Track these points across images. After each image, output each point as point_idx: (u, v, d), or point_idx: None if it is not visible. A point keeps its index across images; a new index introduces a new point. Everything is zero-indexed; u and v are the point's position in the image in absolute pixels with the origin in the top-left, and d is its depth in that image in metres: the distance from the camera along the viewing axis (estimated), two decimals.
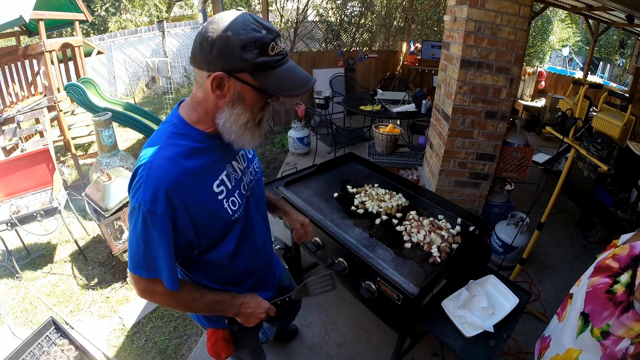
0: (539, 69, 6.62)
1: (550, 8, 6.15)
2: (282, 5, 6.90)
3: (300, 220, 1.34)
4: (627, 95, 4.10)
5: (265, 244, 1.14)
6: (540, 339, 1.33)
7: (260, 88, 0.80)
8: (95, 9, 9.06)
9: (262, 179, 1.16)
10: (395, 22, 7.47)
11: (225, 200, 0.91)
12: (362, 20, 7.41)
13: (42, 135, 3.83)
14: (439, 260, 1.44)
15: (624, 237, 1.08)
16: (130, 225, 0.83)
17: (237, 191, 0.96)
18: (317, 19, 7.38)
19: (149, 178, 0.78)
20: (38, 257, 2.86)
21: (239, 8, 0.86)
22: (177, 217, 0.81)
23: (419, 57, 5.87)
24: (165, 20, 8.68)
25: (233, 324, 1.07)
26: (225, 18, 0.76)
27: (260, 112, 0.86)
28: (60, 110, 3.88)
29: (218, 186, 0.89)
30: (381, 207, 1.77)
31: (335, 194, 1.90)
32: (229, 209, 0.92)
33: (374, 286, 1.44)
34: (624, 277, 0.93)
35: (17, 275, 2.59)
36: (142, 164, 0.81)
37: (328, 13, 7.47)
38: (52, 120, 3.91)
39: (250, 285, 1.10)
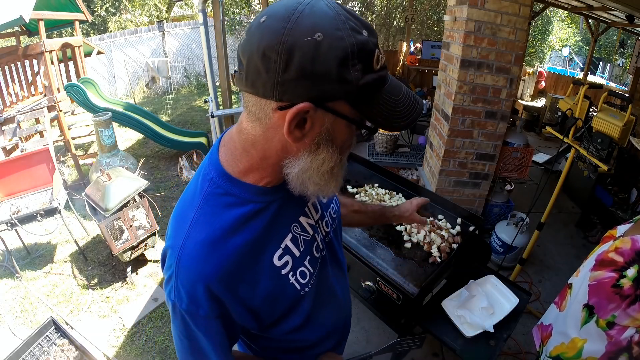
0: (539, 69, 6.64)
1: (550, 8, 6.15)
2: None
3: (412, 209, 1.16)
4: (627, 95, 4.10)
5: (346, 301, 0.91)
6: (538, 326, 1.33)
7: (358, 120, 0.54)
8: (95, 9, 9.06)
9: (341, 222, 0.89)
10: (395, 22, 7.47)
11: (291, 273, 0.67)
12: None
13: (42, 135, 3.83)
14: (439, 260, 1.44)
15: (621, 228, 1.09)
16: (171, 318, 0.63)
17: (309, 257, 0.70)
18: None
19: (182, 272, 0.57)
20: (38, 257, 2.86)
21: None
22: (228, 310, 0.60)
23: (419, 57, 5.87)
24: (165, 20, 8.69)
25: None
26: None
27: (348, 149, 0.60)
28: (60, 110, 3.88)
29: (280, 258, 0.65)
30: None
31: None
32: (296, 284, 0.68)
33: (374, 286, 1.44)
34: (631, 272, 0.94)
35: (17, 275, 2.59)
36: (171, 248, 0.59)
37: None
38: (52, 120, 3.91)
39: (323, 350, 0.87)
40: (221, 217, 0.58)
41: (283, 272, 0.65)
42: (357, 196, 1.86)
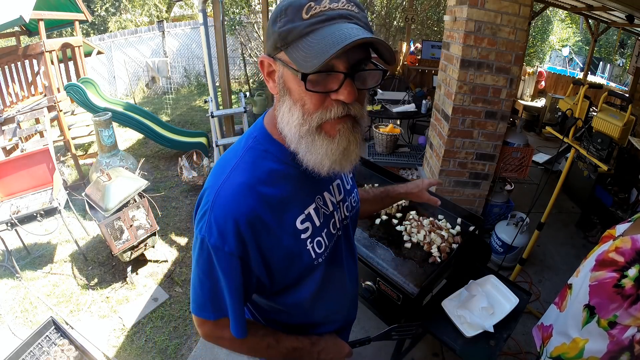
0: (539, 69, 6.64)
1: (550, 8, 6.15)
2: None
3: (423, 186, 1.17)
4: (627, 95, 4.10)
5: (353, 289, 0.95)
6: (538, 327, 1.33)
7: (291, 66, 0.59)
8: (95, 9, 9.07)
9: (357, 214, 0.95)
10: (395, 22, 7.47)
11: (309, 240, 0.73)
12: None
13: (42, 135, 3.83)
14: (439, 260, 1.44)
15: (620, 227, 1.09)
16: (194, 259, 0.69)
17: (326, 230, 0.78)
18: None
19: (217, 207, 0.64)
20: (38, 257, 2.86)
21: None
22: (249, 255, 0.66)
23: (419, 57, 5.88)
24: (165, 20, 8.69)
25: None
26: None
27: (318, 111, 0.61)
28: (60, 110, 3.88)
29: (303, 222, 0.72)
30: None
31: None
32: (312, 252, 0.74)
33: (374, 286, 1.44)
34: (632, 272, 0.94)
35: (17, 275, 2.59)
36: (209, 188, 0.67)
37: None
38: (52, 120, 3.91)
39: (326, 332, 0.92)
40: (259, 168, 0.67)
41: (303, 236, 0.72)
42: None
